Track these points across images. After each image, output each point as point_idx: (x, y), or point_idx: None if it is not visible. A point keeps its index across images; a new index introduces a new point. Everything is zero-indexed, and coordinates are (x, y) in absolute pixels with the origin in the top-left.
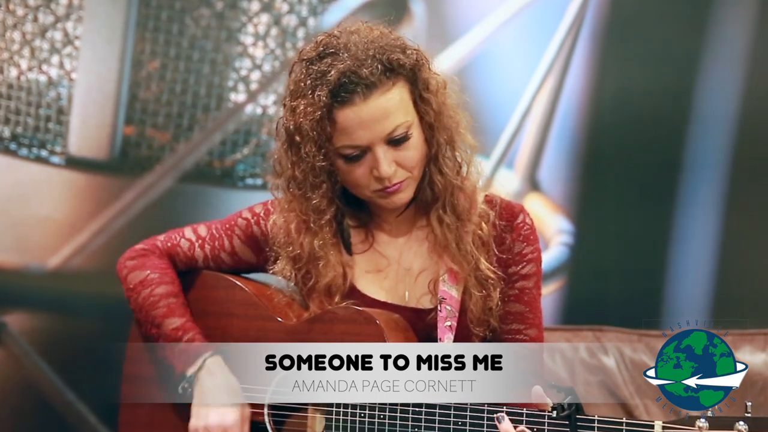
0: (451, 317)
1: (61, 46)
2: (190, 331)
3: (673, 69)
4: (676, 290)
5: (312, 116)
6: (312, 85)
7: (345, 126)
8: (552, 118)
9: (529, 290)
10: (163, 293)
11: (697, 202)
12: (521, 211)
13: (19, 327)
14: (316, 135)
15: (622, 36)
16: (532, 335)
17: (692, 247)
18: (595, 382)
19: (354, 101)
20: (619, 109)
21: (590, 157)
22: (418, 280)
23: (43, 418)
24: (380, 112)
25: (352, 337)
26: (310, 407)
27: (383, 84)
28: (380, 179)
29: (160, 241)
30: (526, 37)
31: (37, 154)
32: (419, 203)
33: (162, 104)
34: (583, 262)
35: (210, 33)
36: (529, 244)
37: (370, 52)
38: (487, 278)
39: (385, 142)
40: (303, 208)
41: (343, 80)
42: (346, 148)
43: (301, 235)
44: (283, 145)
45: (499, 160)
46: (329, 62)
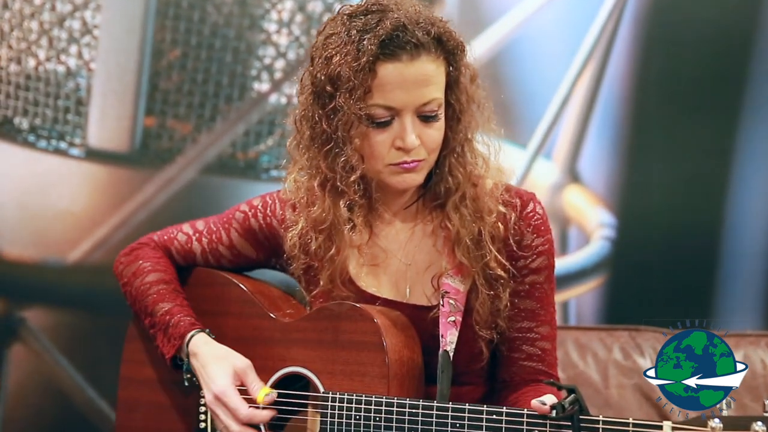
0: (456, 312)
1: (79, 35)
2: (177, 314)
3: (724, 53)
4: (727, 289)
5: (355, 63)
6: (358, 35)
7: (384, 82)
8: (593, 106)
9: (540, 285)
10: (153, 280)
11: (751, 194)
12: (531, 200)
13: (38, 322)
14: (356, 84)
15: (668, 18)
16: (543, 333)
17: (745, 242)
18: (630, 385)
19: (401, 57)
20: (665, 96)
21: (633, 147)
22: (421, 275)
23: (62, 416)
24: (422, 77)
25: (348, 335)
26: (310, 409)
27: (431, 51)
28: (402, 150)
29: (157, 236)
30: (565, 20)
31: (56, 146)
32: (430, 195)
33: (183, 94)
34: (626, 258)
35: (232, 20)
36: (539, 236)
37: (422, 18)
38: (498, 277)
39: (415, 112)
40: (330, 164)
41: (395, 33)
42: (377, 107)
43: (326, 192)
44: (310, 97)
45: (537, 151)
46: (378, 17)
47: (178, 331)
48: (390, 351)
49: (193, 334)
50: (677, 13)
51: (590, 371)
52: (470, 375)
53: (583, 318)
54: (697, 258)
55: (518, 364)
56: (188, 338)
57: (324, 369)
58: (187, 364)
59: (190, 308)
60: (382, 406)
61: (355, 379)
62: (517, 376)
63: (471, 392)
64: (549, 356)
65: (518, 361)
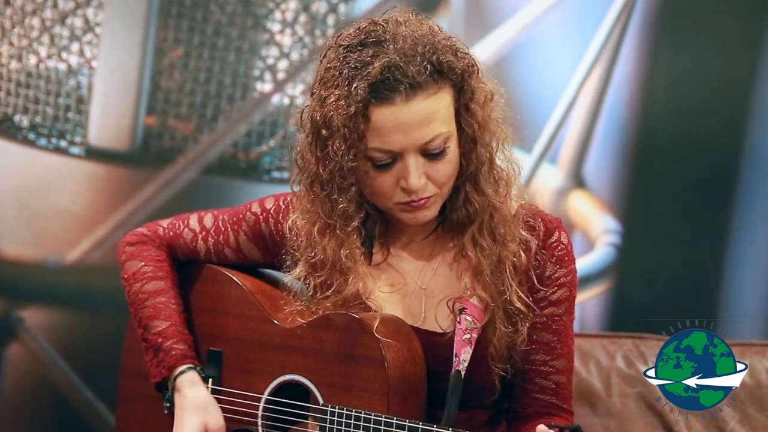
0: (472, 329)
1: (81, 33)
2: (170, 339)
3: (732, 58)
4: (732, 296)
5: (345, 110)
6: (349, 75)
7: (379, 126)
8: (599, 111)
9: (559, 317)
10: (152, 291)
11: (757, 201)
12: (557, 228)
13: (36, 322)
14: (347, 132)
15: (676, 23)
16: (559, 366)
17: (751, 249)
18: (632, 394)
19: (394, 100)
20: (672, 101)
21: (640, 153)
22: (437, 301)
23: (59, 417)
24: (421, 118)
25: (348, 347)
26: (310, 421)
27: (429, 86)
28: (407, 191)
29: (163, 229)
30: (572, 23)
31: (56, 144)
32: (449, 224)
33: (185, 94)
34: (631, 265)
35: (235, 19)
36: (562, 266)
37: (419, 49)
38: (518, 312)
39: (419, 151)
40: (327, 210)
41: (386, 75)
42: (376, 151)
43: (325, 239)
44: (308, 137)
45: (542, 155)
46: (372, 52)
47: (168, 360)
48: (391, 367)
49: (182, 370)
50: (685, 18)
51: (593, 379)
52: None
53: (586, 325)
54: (702, 266)
55: (530, 396)
56: (176, 373)
57: (324, 380)
58: (170, 395)
59: (185, 326)
60: (381, 426)
61: (354, 394)
62: (529, 408)
63: (476, 416)
64: (564, 390)
65: (531, 393)
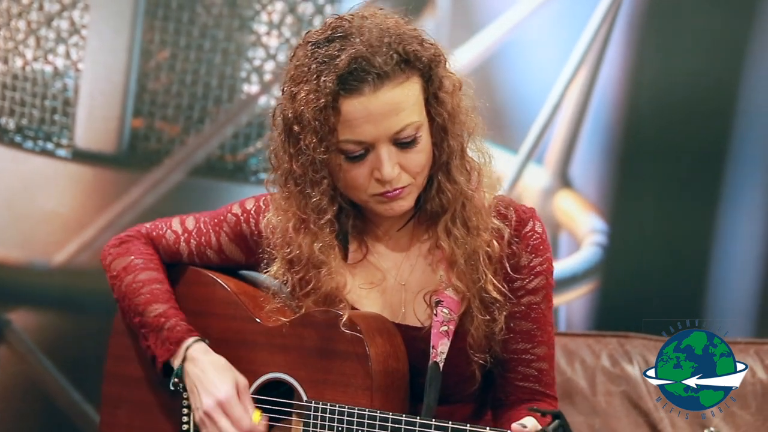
0: (449, 321)
1: (67, 35)
2: (173, 318)
3: (717, 59)
4: (719, 295)
5: (315, 104)
6: (317, 70)
7: (350, 118)
8: (585, 111)
9: (537, 305)
10: (146, 279)
11: (743, 200)
12: (531, 218)
13: (23, 324)
14: (317, 125)
15: (661, 23)
16: (540, 354)
17: (737, 248)
18: (617, 392)
19: (363, 91)
20: (658, 101)
21: (626, 152)
22: (416, 296)
23: (47, 418)
24: (390, 107)
25: (330, 343)
26: (294, 417)
27: (397, 76)
28: (381, 182)
29: (146, 228)
30: (558, 24)
31: (42, 146)
32: (423, 215)
33: (172, 96)
34: (618, 264)
35: (222, 21)
36: (537, 255)
37: (385, 40)
38: (494, 300)
39: (391, 141)
40: (301, 205)
41: (353, 66)
42: (348, 143)
43: (300, 235)
44: (280, 135)
45: (528, 155)
46: (338, 46)
47: (174, 335)
48: (374, 362)
49: (194, 339)
50: (670, 18)
51: (578, 378)
52: (460, 396)
53: (572, 324)
54: (689, 265)
55: (514, 385)
56: (187, 344)
57: (307, 377)
58: (179, 369)
59: (181, 311)
60: (365, 419)
61: (338, 389)
62: (512, 395)
63: (459, 410)
64: (546, 377)
65: (514, 381)
